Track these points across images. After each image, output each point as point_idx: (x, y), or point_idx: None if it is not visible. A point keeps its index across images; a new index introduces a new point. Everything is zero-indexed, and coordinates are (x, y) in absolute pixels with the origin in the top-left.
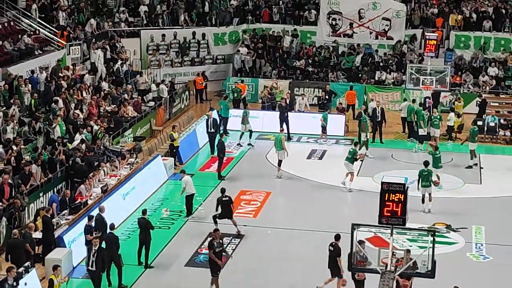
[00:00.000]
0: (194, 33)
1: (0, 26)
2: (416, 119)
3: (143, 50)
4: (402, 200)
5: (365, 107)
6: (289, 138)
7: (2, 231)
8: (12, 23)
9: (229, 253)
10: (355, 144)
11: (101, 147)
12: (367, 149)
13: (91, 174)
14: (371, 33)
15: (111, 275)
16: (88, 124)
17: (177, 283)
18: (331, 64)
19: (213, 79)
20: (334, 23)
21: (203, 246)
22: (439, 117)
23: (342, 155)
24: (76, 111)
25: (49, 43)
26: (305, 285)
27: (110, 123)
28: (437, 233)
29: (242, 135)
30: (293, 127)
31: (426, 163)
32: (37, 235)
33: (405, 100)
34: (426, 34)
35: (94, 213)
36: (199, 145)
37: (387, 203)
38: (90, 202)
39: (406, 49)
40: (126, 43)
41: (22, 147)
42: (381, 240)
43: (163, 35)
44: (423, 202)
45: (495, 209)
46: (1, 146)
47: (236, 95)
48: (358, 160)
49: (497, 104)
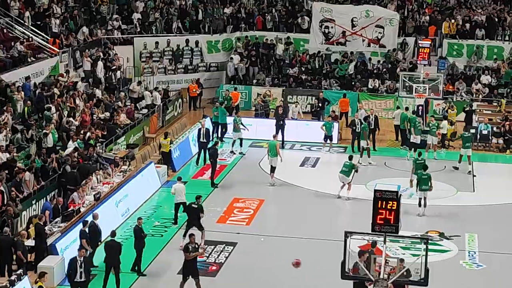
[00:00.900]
0: (187, 41)
1: None
2: (409, 127)
3: (136, 57)
4: (395, 208)
5: (361, 115)
6: (283, 146)
7: None
8: (5, 30)
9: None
10: (349, 158)
11: (94, 155)
12: (369, 157)
13: (84, 181)
14: (363, 40)
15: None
16: (79, 132)
17: None
18: (323, 72)
19: (206, 86)
20: (327, 31)
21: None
22: (436, 125)
23: (335, 162)
24: (69, 119)
25: (42, 50)
26: None
27: (103, 131)
28: (430, 241)
29: (234, 143)
30: (286, 134)
31: (425, 167)
32: (30, 242)
33: (398, 108)
34: (419, 42)
35: (88, 219)
36: (192, 152)
37: (380, 211)
38: (82, 209)
39: (401, 55)
40: (119, 51)
41: (15, 154)
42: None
43: (157, 43)
44: (419, 205)
45: (488, 217)
46: None
47: (227, 102)
48: (357, 172)
49: (490, 112)
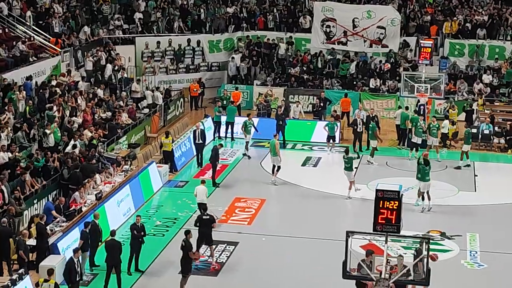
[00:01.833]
0: (189, 40)
1: None
2: (410, 126)
3: (138, 57)
4: (396, 207)
5: (362, 115)
6: (284, 146)
7: None
8: (6, 30)
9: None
10: (346, 152)
11: (96, 154)
12: (372, 156)
13: (86, 181)
14: (365, 41)
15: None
16: (81, 132)
17: None
18: (324, 72)
19: (208, 86)
20: (328, 30)
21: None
22: (437, 126)
23: (336, 162)
24: (71, 118)
25: (43, 50)
26: None
27: (104, 130)
28: (431, 241)
29: (247, 145)
30: (288, 134)
31: (426, 162)
32: (31, 242)
33: (399, 107)
34: (420, 42)
35: (90, 219)
36: (193, 152)
37: (381, 211)
38: (84, 209)
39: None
40: (121, 50)
41: (17, 154)
42: (376, 247)
43: (158, 42)
44: (423, 199)
45: (490, 216)
46: None
47: (225, 102)
48: (359, 158)
49: (498, 111)
